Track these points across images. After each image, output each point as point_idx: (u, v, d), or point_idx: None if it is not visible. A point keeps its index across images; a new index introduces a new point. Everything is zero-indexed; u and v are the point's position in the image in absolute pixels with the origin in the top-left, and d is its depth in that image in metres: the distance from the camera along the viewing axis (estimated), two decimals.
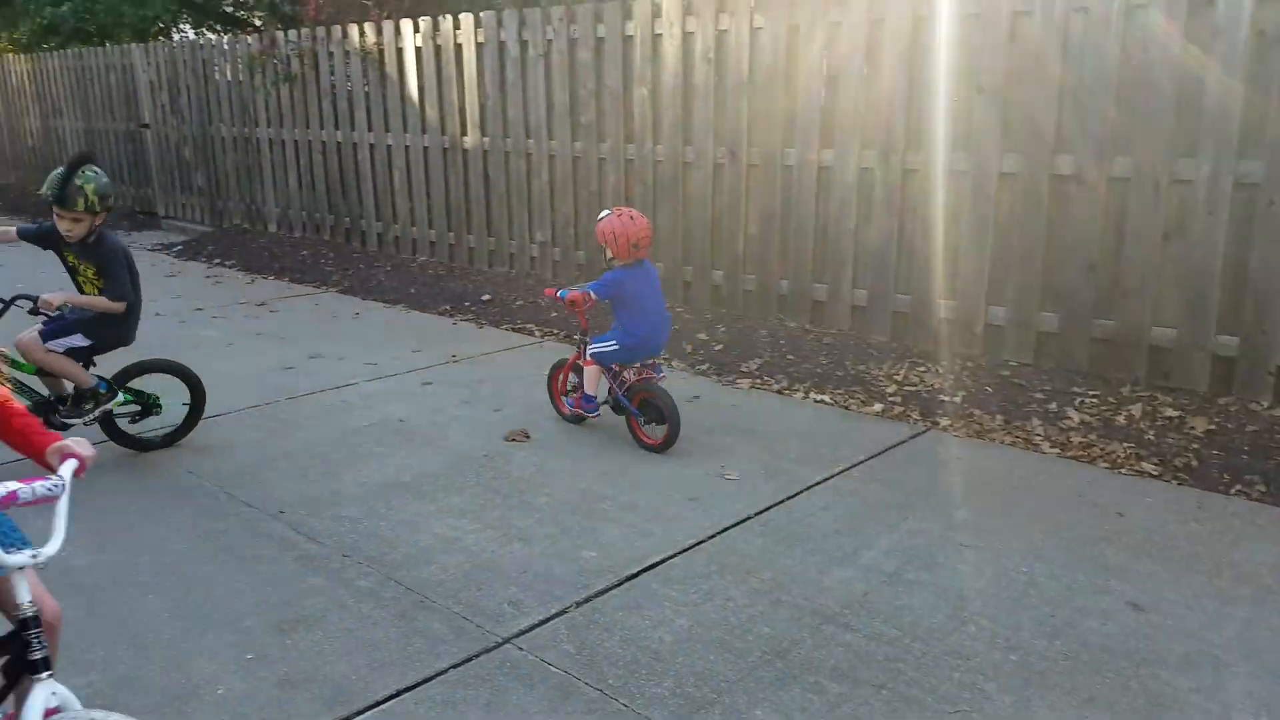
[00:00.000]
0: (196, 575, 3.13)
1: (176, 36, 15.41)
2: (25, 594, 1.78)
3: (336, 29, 8.72)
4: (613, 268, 4.30)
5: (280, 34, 9.33)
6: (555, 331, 6.36)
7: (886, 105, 5.49)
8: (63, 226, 3.81)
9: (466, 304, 7.14)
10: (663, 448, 4.20)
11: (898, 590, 3.03)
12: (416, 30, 8.03)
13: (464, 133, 7.94)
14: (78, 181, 3.75)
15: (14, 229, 4.03)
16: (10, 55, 14.37)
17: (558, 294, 4.34)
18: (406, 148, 8.41)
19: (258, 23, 15.19)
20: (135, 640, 2.76)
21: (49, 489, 1.80)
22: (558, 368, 4.69)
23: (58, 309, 3.88)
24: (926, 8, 5.24)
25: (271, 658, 2.68)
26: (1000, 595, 2.99)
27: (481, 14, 7.54)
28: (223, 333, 6.37)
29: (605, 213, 4.27)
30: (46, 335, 4.00)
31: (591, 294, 4.23)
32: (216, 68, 10.16)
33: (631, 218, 4.19)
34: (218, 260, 9.17)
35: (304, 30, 9.07)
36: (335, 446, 4.29)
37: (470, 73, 7.72)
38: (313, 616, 2.88)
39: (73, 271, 4.09)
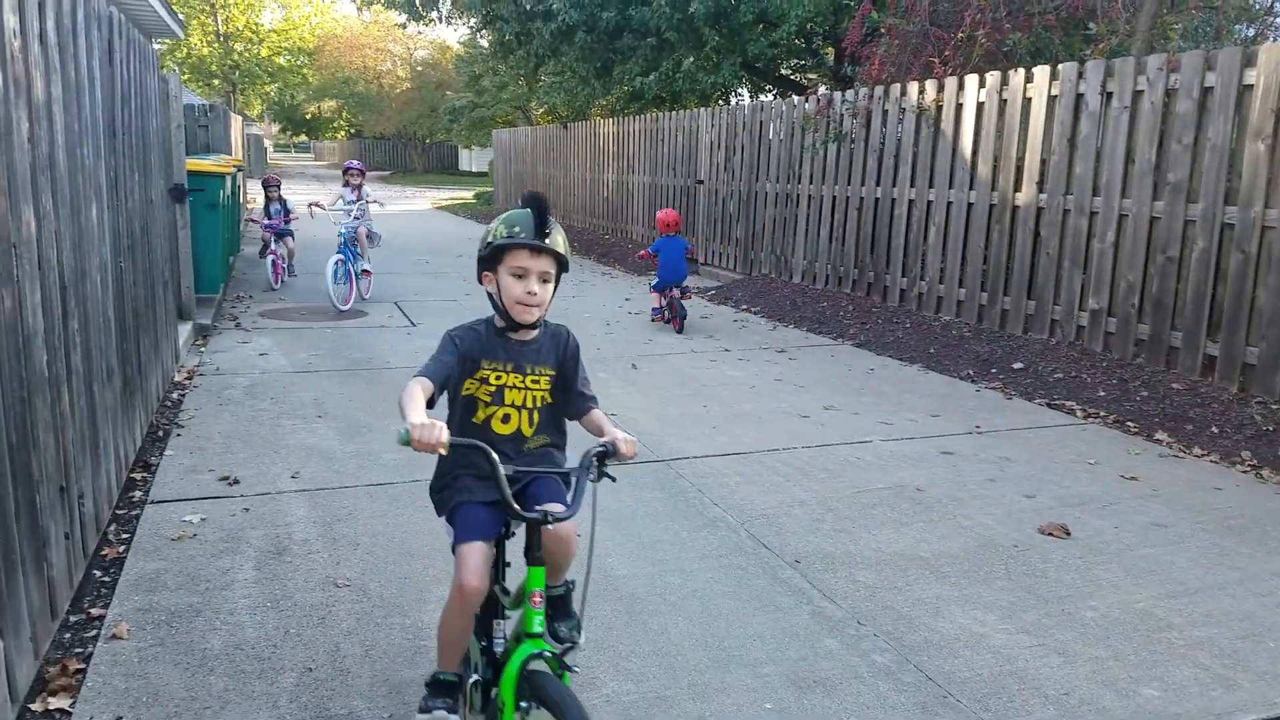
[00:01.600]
0: (720, 608, 3.16)
1: (734, 100, 16.92)
2: None
3: (895, 87, 8.84)
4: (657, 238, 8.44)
5: (837, 94, 9.69)
6: (1100, 413, 5.63)
7: None
8: (527, 289, 2.21)
9: (993, 370, 6.66)
10: (679, 330, 8.15)
11: None
12: (982, 85, 7.81)
13: (1017, 189, 7.50)
14: (549, 216, 2.25)
15: (430, 389, 2.13)
16: (598, 119, 16.93)
17: (643, 253, 8.95)
18: (949, 204, 8.18)
19: (807, 84, 16.10)
20: (665, 659, 2.83)
21: None
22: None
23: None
24: None
25: (789, 713, 2.58)
26: None
27: (1061, 66, 7.09)
28: (746, 374, 6.65)
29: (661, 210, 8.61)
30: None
31: (651, 251, 8.53)
32: (771, 127, 10.87)
33: (665, 211, 8.73)
34: (745, 306, 9.72)
35: (861, 90, 9.33)
36: (848, 504, 4.16)
37: (1036, 127, 7.29)
38: (829, 681, 2.73)
39: (495, 398, 2.29)
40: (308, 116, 57.75)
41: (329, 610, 3.06)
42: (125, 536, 3.59)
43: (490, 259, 2.25)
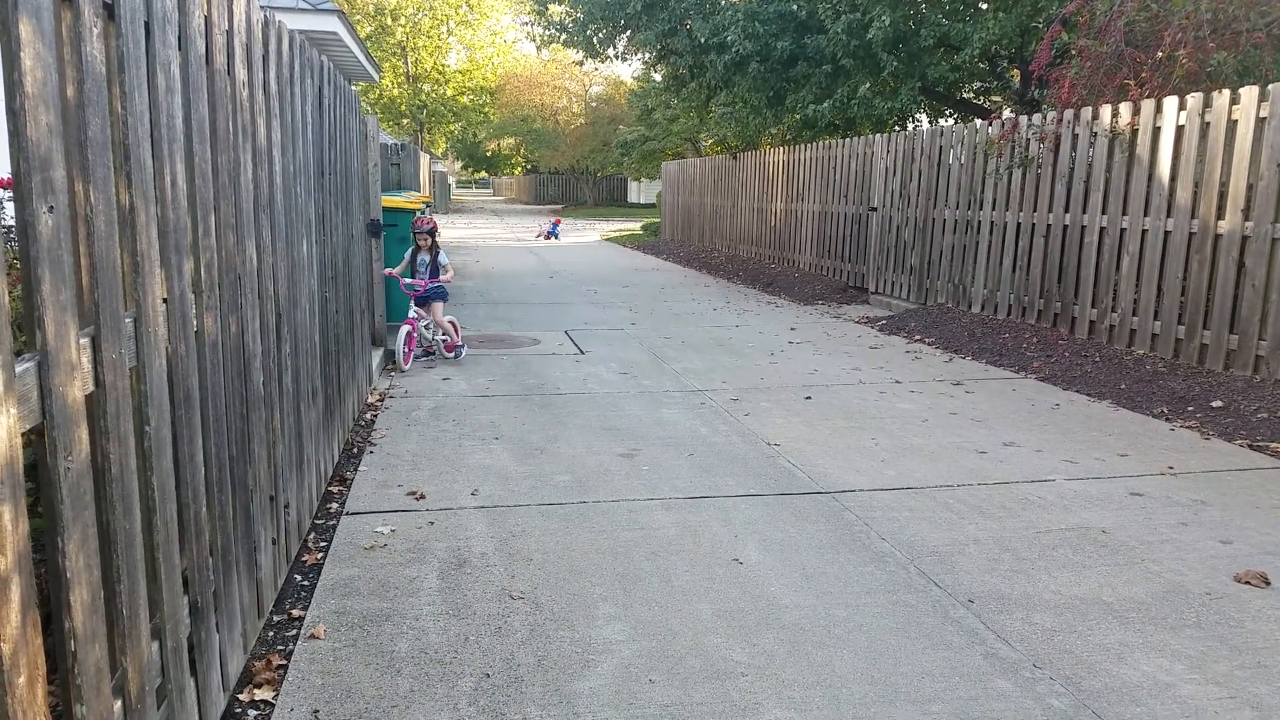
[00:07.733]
0: (887, 644, 3.11)
1: (911, 125, 16.57)
2: None
3: (1086, 110, 8.48)
4: None
5: (1023, 118, 9.37)
6: None
7: None
8: None
9: (1190, 409, 6.21)
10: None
11: None
12: (1182, 107, 7.40)
13: (1220, 217, 7.02)
14: None
15: None
16: (768, 148, 16.97)
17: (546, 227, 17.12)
18: (1143, 231, 7.74)
19: (991, 108, 15.57)
20: (830, 691, 2.81)
21: None
22: None
23: None
24: None
25: None
26: None
27: (1271, 86, 6.62)
28: (918, 407, 6.47)
29: None
30: None
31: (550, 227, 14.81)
32: (951, 152, 10.60)
33: (556, 217, 14.63)
34: (918, 336, 9.47)
35: (1049, 114, 8.99)
36: (1027, 544, 3.98)
37: (1242, 151, 6.82)
38: None
39: None
40: (488, 153, 60.66)
41: (505, 620, 3.22)
42: (323, 544, 3.89)
43: None
